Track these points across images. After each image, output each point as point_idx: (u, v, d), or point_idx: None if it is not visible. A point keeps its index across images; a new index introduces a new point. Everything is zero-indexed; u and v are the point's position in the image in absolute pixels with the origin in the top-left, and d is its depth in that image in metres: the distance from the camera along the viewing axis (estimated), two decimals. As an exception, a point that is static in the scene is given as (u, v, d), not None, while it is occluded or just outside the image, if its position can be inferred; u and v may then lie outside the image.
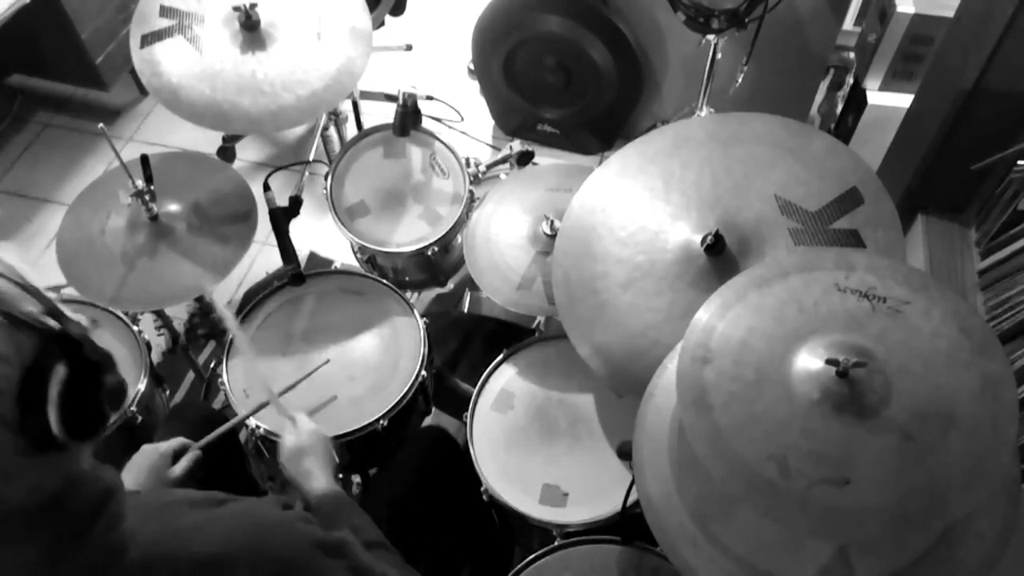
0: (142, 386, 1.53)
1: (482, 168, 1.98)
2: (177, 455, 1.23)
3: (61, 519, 0.72)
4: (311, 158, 2.52)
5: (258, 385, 1.46)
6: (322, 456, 1.21)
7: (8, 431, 0.66)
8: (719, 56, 2.04)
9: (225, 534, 0.81)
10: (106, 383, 0.74)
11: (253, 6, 1.59)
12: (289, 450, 1.22)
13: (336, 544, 0.88)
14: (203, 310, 2.04)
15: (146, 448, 1.21)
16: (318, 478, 1.16)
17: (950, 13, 1.75)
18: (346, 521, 1.06)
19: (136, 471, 1.17)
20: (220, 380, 1.52)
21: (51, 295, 0.74)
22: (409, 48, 2.76)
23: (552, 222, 1.54)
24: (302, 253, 2.11)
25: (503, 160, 2.07)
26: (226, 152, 2.60)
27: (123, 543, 0.76)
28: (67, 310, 0.74)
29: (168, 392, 1.85)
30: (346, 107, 2.24)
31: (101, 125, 1.47)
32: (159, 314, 1.88)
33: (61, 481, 0.72)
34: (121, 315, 1.61)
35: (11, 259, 0.73)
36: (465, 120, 2.05)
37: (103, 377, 0.74)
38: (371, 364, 1.55)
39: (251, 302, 1.64)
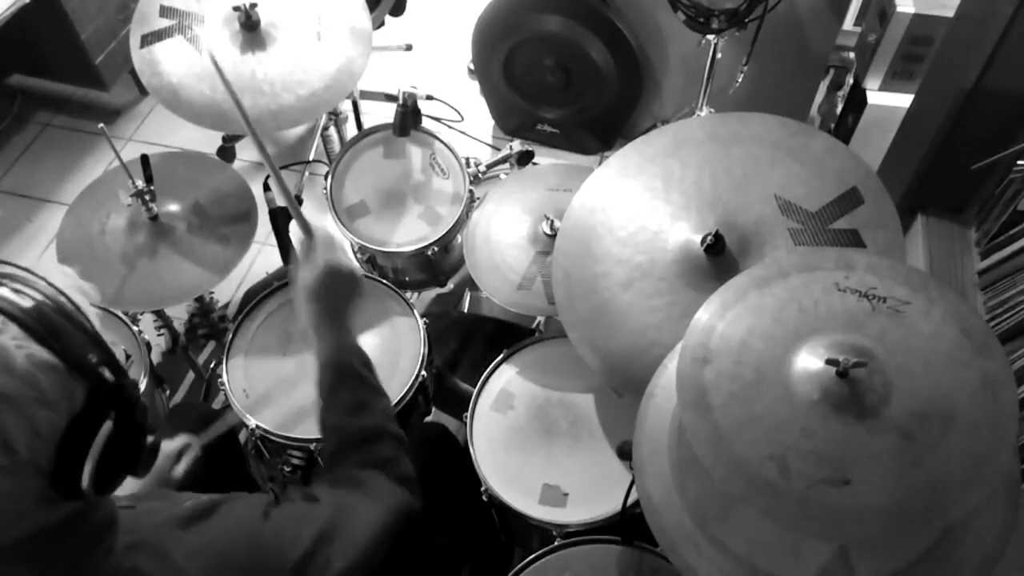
0: (142, 386, 1.53)
1: (482, 168, 1.98)
2: (179, 455, 1.22)
3: (59, 549, 0.72)
4: (311, 158, 2.52)
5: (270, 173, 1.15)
6: (337, 300, 1.07)
7: (36, 478, 0.66)
8: (719, 56, 2.04)
9: (210, 564, 0.80)
10: (146, 445, 0.74)
11: (253, 6, 1.59)
12: (298, 290, 1.07)
13: (315, 543, 0.86)
14: (203, 310, 2.04)
15: None
16: (326, 332, 1.05)
17: (950, 13, 1.75)
18: (345, 397, 1.02)
19: None
20: (220, 380, 1.52)
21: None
22: (409, 48, 2.76)
23: (552, 222, 1.54)
24: (302, 253, 2.10)
25: (503, 160, 2.07)
26: (226, 152, 2.60)
27: (111, 573, 0.75)
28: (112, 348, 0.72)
29: (168, 392, 1.85)
30: (346, 107, 2.25)
31: (101, 125, 1.47)
32: (159, 314, 1.88)
33: (70, 515, 0.71)
34: (121, 315, 1.61)
35: (82, 302, 0.71)
36: (465, 120, 2.05)
37: (145, 438, 0.74)
38: (371, 364, 1.54)
39: (251, 302, 1.63)
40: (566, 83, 2.45)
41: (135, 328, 1.61)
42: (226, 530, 0.84)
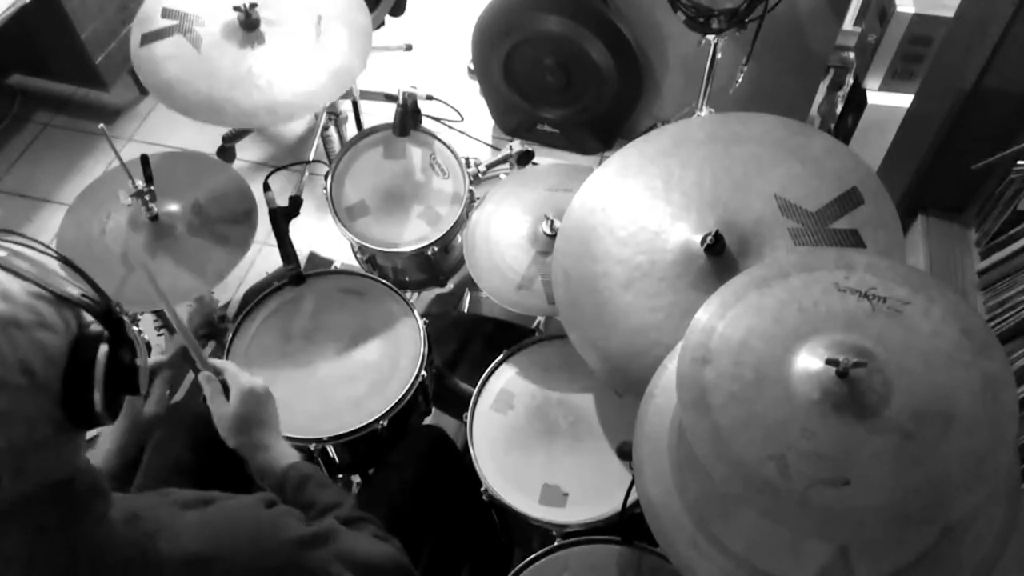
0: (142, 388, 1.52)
1: (482, 168, 1.97)
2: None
3: (52, 511, 0.73)
4: (311, 158, 2.52)
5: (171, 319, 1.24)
6: (268, 420, 1.10)
7: (52, 403, 0.69)
8: (719, 56, 2.04)
9: (210, 536, 0.81)
10: (139, 363, 0.79)
11: (253, 6, 1.59)
12: (227, 420, 1.08)
13: (320, 535, 0.88)
14: (203, 310, 2.04)
15: None
16: (270, 450, 1.07)
17: (950, 13, 1.75)
18: (314, 503, 1.03)
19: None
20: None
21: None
22: (409, 48, 2.76)
23: (552, 222, 1.54)
24: (302, 253, 2.11)
25: (503, 160, 2.07)
26: (226, 152, 2.60)
27: (107, 540, 0.76)
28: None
29: (168, 392, 1.84)
30: (346, 107, 2.25)
31: (101, 125, 1.47)
32: (159, 314, 1.88)
33: (64, 472, 0.73)
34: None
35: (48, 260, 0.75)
36: (465, 120, 2.05)
37: (135, 356, 0.78)
38: (371, 364, 1.55)
39: (251, 302, 1.64)
40: (566, 83, 2.45)
41: (135, 328, 1.61)
42: (229, 510, 0.86)
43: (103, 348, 0.72)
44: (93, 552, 0.75)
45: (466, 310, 2.08)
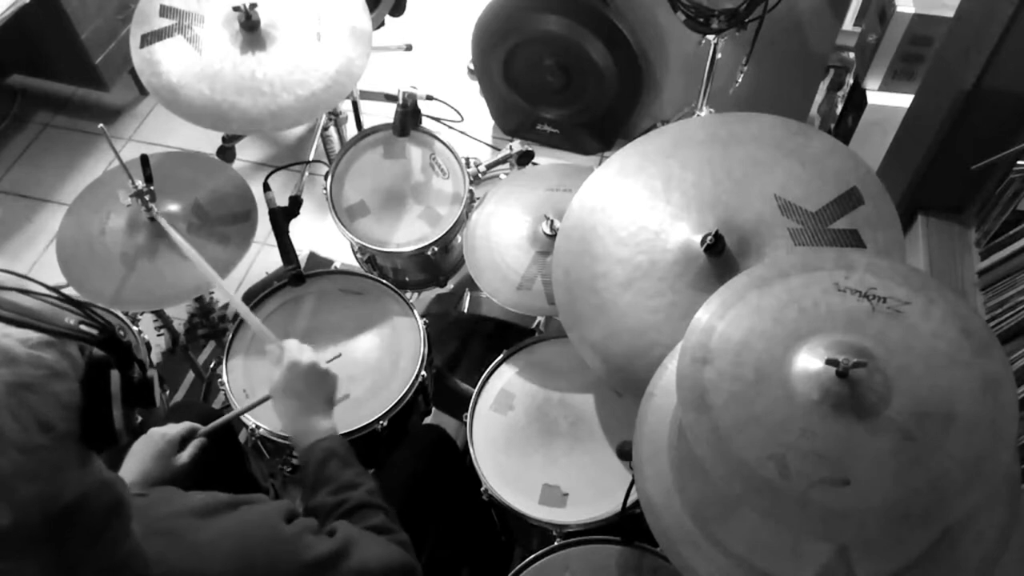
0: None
1: (482, 168, 1.97)
2: (184, 441, 1.21)
3: (71, 532, 0.72)
4: (311, 158, 2.52)
5: (242, 313, 1.45)
6: (307, 394, 1.16)
7: (74, 443, 0.68)
8: (719, 56, 2.04)
9: (227, 554, 0.81)
10: (151, 376, 0.78)
11: (253, 6, 1.59)
12: (274, 390, 1.18)
13: (335, 554, 0.88)
14: (203, 310, 2.04)
15: (153, 432, 1.19)
16: (301, 423, 1.13)
17: (950, 13, 1.76)
18: (332, 480, 1.06)
19: (141, 457, 1.16)
20: (220, 380, 1.52)
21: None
22: (409, 48, 2.76)
23: (552, 222, 1.54)
24: (302, 253, 2.11)
25: (503, 160, 2.07)
26: (226, 152, 2.60)
27: (129, 559, 0.75)
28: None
29: (168, 392, 1.85)
30: (346, 107, 2.25)
31: (101, 125, 1.46)
32: (159, 314, 1.88)
33: (78, 492, 0.71)
34: (121, 315, 1.61)
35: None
36: (465, 120, 2.05)
37: (146, 370, 0.77)
38: (371, 364, 1.55)
39: (251, 302, 1.63)
40: (566, 83, 2.45)
41: (135, 328, 1.61)
42: (247, 522, 0.86)
43: (115, 375, 0.71)
44: (116, 572, 0.75)
45: (466, 310, 2.08)
